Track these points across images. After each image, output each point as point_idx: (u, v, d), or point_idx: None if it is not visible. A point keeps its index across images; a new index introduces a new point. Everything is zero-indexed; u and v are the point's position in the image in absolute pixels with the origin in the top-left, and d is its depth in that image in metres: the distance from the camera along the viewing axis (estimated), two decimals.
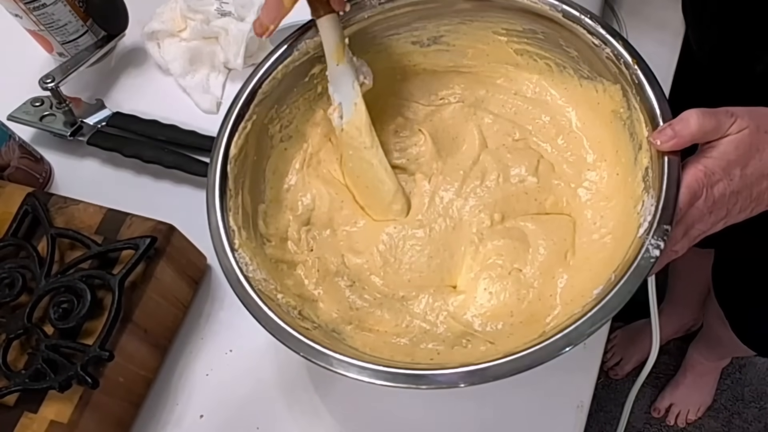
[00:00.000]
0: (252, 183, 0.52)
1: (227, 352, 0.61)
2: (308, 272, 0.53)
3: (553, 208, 0.53)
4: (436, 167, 0.56)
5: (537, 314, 0.49)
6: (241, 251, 0.47)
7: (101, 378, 0.52)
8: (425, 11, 0.55)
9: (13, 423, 0.51)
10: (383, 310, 0.51)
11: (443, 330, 0.50)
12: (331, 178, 0.56)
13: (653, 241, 0.41)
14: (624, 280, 0.41)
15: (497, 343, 0.47)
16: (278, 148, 0.55)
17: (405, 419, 0.57)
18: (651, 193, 0.44)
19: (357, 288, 0.52)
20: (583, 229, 0.51)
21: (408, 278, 0.52)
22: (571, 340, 0.40)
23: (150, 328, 0.57)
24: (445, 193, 0.54)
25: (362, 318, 0.50)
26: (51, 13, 0.71)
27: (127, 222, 0.58)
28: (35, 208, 0.59)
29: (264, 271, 0.48)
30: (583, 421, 0.56)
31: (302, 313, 0.48)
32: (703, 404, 1.36)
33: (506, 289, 0.50)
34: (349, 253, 0.53)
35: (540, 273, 0.50)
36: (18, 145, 0.67)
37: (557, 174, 0.54)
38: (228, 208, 0.48)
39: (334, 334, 0.49)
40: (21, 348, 0.54)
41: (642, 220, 0.43)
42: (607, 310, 0.40)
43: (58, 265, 0.56)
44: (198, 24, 0.74)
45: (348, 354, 0.42)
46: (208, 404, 0.59)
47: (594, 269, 0.48)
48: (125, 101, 0.76)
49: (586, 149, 0.54)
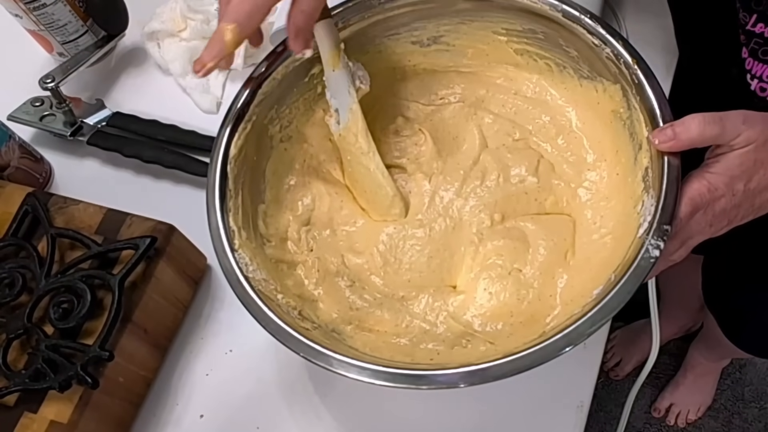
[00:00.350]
0: (252, 183, 0.52)
1: (227, 352, 0.61)
2: (308, 272, 0.53)
3: (553, 208, 0.53)
4: (437, 167, 0.56)
5: (537, 314, 0.49)
6: (241, 251, 0.47)
7: (101, 378, 0.52)
8: (425, 11, 0.55)
9: (13, 423, 0.51)
10: (383, 310, 0.51)
11: (443, 330, 0.50)
12: (332, 178, 0.56)
13: (653, 241, 0.41)
14: (624, 281, 0.41)
15: (497, 344, 0.47)
16: (278, 149, 0.55)
17: (405, 419, 0.57)
18: (651, 193, 0.44)
19: (357, 288, 0.52)
20: (583, 229, 0.51)
21: (408, 278, 0.52)
22: (571, 340, 0.40)
23: (150, 328, 0.57)
24: (446, 193, 0.54)
25: (362, 318, 0.50)
26: (51, 13, 0.71)
27: (127, 222, 0.58)
28: (35, 208, 0.59)
29: (264, 271, 0.48)
30: (583, 421, 0.56)
31: (302, 314, 0.48)
32: (703, 404, 1.36)
33: (506, 290, 0.50)
34: (349, 253, 0.53)
35: (540, 273, 0.50)
36: (18, 145, 0.67)
37: (557, 174, 0.54)
38: (228, 209, 0.48)
39: (334, 334, 0.49)
40: (21, 348, 0.54)
41: (642, 220, 0.43)
42: (606, 310, 0.40)
43: (58, 265, 0.56)
44: (198, 24, 0.74)
45: (348, 354, 0.42)
46: (208, 404, 0.59)
47: (594, 269, 0.48)
48: (125, 101, 0.76)
49: (586, 149, 0.54)
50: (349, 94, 0.52)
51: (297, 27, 0.46)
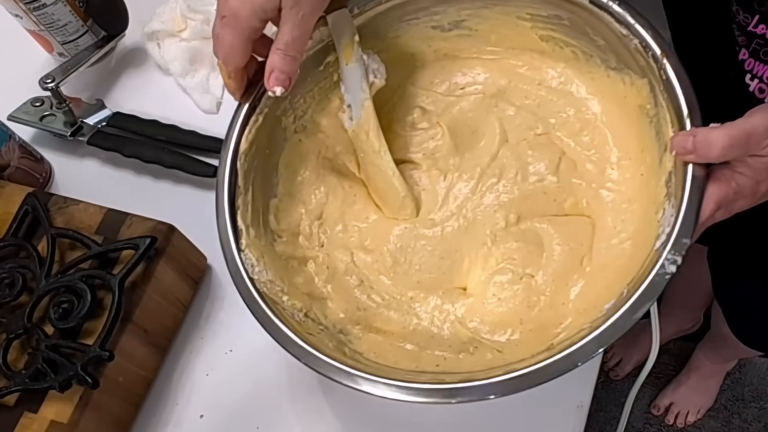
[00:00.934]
0: (263, 178, 0.51)
1: (227, 352, 0.61)
2: (319, 269, 0.52)
3: (573, 209, 0.51)
4: (453, 163, 0.54)
5: (547, 323, 0.47)
6: (248, 251, 0.46)
7: (101, 378, 0.52)
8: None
9: (13, 423, 0.51)
10: (390, 311, 0.50)
11: (449, 335, 0.49)
12: (347, 171, 0.55)
13: (670, 256, 0.39)
14: (636, 297, 0.39)
15: (504, 352, 0.46)
16: (292, 140, 0.54)
17: (405, 419, 0.57)
18: (672, 202, 0.42)
19: (365, 288, 0.51)
20: (603, 233, 0.49)
21: (417, 279, 0.51)
22: (576, 359, 0.39)
23: (150, 328, 0.57)
24: (460, 192, 0.53)
25: (369, 319, 0.50)
26: (51, 13, 0.71)
27: (127, 222, 0.58)
28: (35, 208, 0.59)
29: (271, 271, 0.48)
30: (583, 421, 0.56)
31: (309, 315, 0.48)
32: (703, 406, 1.36)
33: (516, 296, 0.49)
34: (360, 251, 0.52)
35: (553, 280, 0.49)
36: (18, 145, 0.67)
37: (579, 173, 0.52)
38: (237, 207, 0.47)
39: (341, 335, 0.48)
40: (21, 348, 0.54)
41: (661, 231, 0.42)
42: (616, 328, 0.39)
43: (58, 265, 0.56)
44: (198, 24, 0.74)
45: (352, 365, 0.42)
46: (208, 404, 0.59)
47: (610, 278, 0.46)
48: (125, 101, 0.75)
49: (610, 146, 0.51)
50: (363, 90, 0.50)
51: (271, 65, 0.45)
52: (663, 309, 1.34)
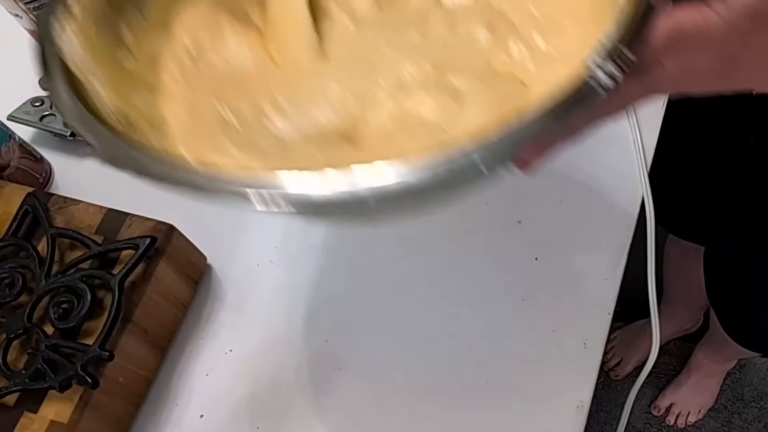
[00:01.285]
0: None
1: (227, 352, 0.61)
2: (174, 104, 0.42)
3: (505, 70, 0.41)
4: (371, 16, 0.45)
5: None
6: (72, 36, 0.37)
7: (101, 378, 0.52)
8: None
9: (13, 423, 0.51)
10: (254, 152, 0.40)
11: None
12: (243, 15, 0.46)
13: (606, 66, 0.29)
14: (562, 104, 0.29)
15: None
16: None
17: (405, 419, 0.57)
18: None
19: (232, 129, 0.41)
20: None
21: (304, 128, 0.41)
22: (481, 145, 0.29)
23: (150, 328, 0.57)
24: (373, 42, 0.44)
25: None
26: None
27: (127, 222, 0.58)
28: (35, 208, 0.59)
29: (100, 71, 0.39)
30: (583, 421, 0.56)
31: (130, 120, 0.39)
32: (704, 406, 1.36)
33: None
34: (238, 95, 0.43)
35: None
36: (18, 145, 0.67)
37: (521, 36, 0.42)
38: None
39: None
40: (21, 348, 0.54)
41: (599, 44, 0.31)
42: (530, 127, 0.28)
43: (58, 265, 0.56)
44: None
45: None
46: (208, 404, 0.59)
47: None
48: None
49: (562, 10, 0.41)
50: None
51: None
52: (663, 309, 1.34)
